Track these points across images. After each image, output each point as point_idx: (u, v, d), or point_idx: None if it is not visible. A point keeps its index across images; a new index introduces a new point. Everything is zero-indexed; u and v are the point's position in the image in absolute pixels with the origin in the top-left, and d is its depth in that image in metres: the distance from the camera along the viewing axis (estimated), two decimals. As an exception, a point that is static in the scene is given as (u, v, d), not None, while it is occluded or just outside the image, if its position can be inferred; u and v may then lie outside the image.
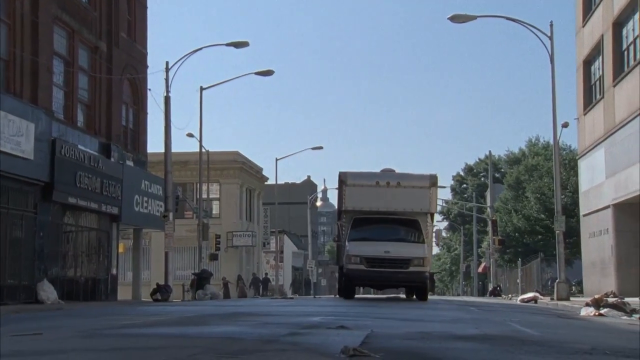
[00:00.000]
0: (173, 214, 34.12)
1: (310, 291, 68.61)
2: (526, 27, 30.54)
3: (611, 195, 31.71)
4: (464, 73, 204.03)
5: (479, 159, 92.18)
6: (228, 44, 34.95)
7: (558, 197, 31.34)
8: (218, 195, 56.96)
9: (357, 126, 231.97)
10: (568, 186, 56.02)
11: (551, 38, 30.28)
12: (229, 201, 57.32)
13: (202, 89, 41.63)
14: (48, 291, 24.00)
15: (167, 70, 33.07)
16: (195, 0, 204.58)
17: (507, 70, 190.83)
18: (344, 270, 26.19)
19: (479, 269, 71.81)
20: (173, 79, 33.03)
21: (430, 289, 32.95)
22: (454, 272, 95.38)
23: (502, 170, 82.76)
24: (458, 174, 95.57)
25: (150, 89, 34.72)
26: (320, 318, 13.47)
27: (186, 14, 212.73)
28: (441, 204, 74.62)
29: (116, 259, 31.63)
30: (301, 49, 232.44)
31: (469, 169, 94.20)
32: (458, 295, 79.47)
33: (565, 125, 42.39)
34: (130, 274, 37.90)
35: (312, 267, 71.80)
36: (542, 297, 32.20)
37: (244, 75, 41.22)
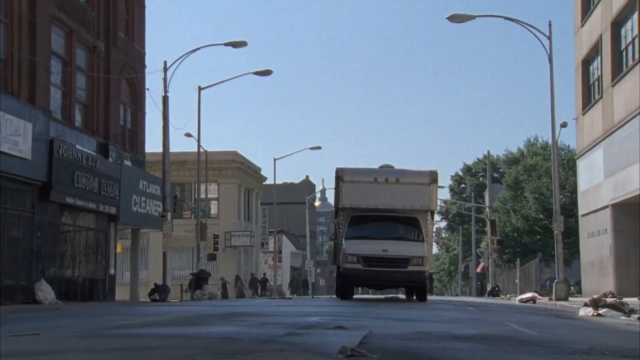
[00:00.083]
0: (171, 214, 34.08)
1: (308, 291, 68.61)
2: (525, 27, 30.57)
3: (610, 195, 31.70)
4: (462, 73, 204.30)
5: (477, 159, 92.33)
6: (226, 44, 34.94)
7: (557, 197, 31.33)
8: (216, 195, 56.92)
9: (356, 126, 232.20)
10: (567, 186, 56.05)
11: (550, 38, 30.29)
12: (227, 201, 57.27)
13: (201, 89, 41.62)
14: (46, 291, 23.96)
15: (165, 70, 33.05)
16: (194, 0, 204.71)
17: (506, 70, 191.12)
18: (341, 269, 25.63)
19: (478, 269, 71.84)
20: (171, 78, 33.05)
21: (429, 290, 32.11)
22: (453, 272, 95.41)
23: (501, 170, 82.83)
24: (457, 174, 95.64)
25: (148, 89, 34.72)
26: (318, 318, 13.46)
27: (184, 13, 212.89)
28: (440, 204, 74.50)
29: (114, 259, 31.60)
30: (299, 49, 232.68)
31: (467, 169, 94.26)
32: (456, 295, 79.47)
33: (564, 125, 42.42)
34: (128, 274, 37.87)
35: (311, 267, 71.79)
36: (541, 297, 32.19)
37: (242, 75, 41.35)
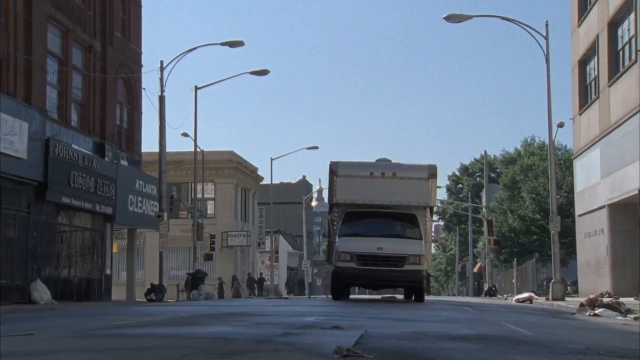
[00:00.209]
0: (167, 214, 34.05)
1: (304, 291, 68.60)
2: (522, 27, 30.59)
3: (606, 196, 31.73)
4: (459, 73, 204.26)
5: (474, 159, 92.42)
6: (223, 44, 34.93)
7: (553, 197, 31.36)
8: (213, 195, 56.90)
9: (353, 126, 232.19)
10: (563, 186, 56.09)
11: (547, 38, 30.32)
12: (223, 201, 57.25)
13: (197, 89, 41.61)
14: (41, 291, 23.91)
15: (162, 69, 33.03)
16: (190, 0, 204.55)
17: (503, 70, 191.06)
18: (334, 268, 24.49)
19: (475, 269, 71.90)
20: (168, 78, 33.07)
21: (426, 289, 30.97)
22: (450, 272, 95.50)
23: (498, 170, 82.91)
24: (454, 174, 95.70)
25: (144, 88, 34.78)
26: (314, 318, 13.44)
27: (181, 13, 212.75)
28: (437, 204, 74.52)
29: (110, 259, 31.56)
30: (297, 49, 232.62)
31: (464, 169, 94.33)
32: (453, 295, 79.49)
33: (561, 125, 42.44)
34: (124, 274, 37.82)
35: (307, 267, 71.81)
36: (538, 297, 32.19)
37: (239, 74, 41.23)
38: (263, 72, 39.51)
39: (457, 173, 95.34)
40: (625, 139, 28.84)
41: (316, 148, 60.25)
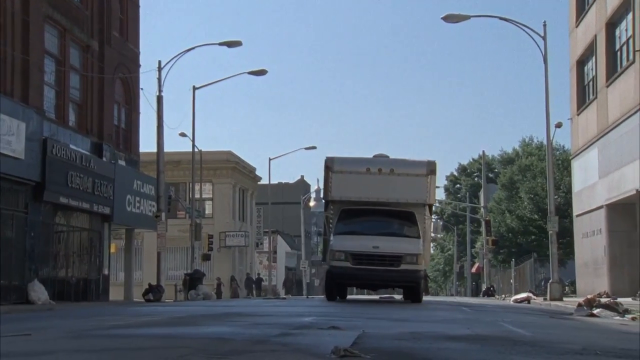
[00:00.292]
0: (165, 214, 34.04)
1: (302, 291, 68.58)
2: (520, 27, 30.57)
3: (604, 196, 31.75)
4: (457, 73, 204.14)
5: (472, 159, 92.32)
6: (221, 44, 34.92)
7: (551, 198, 31.35)
8: (211, 195, 56.88)
9: (350, 126, 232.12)
10: (561, 186, 56.13)
11: (545, 38, 30.30)
12: (221, 201, 57.24)
13: (195, 89, 41.52)
14: (39, 291, 23.89)
15: (160, 69, 33.00)
16: (188, 0, 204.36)
17: (501, 70, 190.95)
18: (328, 267, 23.65)
19: (473, 270, 71.86)
20: (165, 78, 32.99)
21: (425, 290, 30.36)
22: (448, 273, 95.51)
23: (496, 170, 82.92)
24: (452, 174, 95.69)
25: (142, 88, 34.71)
26: (311, 318, 13.43)
27: (179, 13, 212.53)
28: (435, 204, 74.48)
29: (108, 259, 31.52)
30: (295, 49, 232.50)
31: (462, 169, 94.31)
32: (451, 295, 79.52)
33: (559, 125, 42.42)
34: (122, 274, 37.79)
35: (306, 268, 71.77)
36: (535, 298, 32.19)
37: (237, 74, 41.13)
38: (261, 72, 39.49)
39: (455, 173, 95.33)
40: (623, 139, 28.86)
41: (314, 148, 60.29)
